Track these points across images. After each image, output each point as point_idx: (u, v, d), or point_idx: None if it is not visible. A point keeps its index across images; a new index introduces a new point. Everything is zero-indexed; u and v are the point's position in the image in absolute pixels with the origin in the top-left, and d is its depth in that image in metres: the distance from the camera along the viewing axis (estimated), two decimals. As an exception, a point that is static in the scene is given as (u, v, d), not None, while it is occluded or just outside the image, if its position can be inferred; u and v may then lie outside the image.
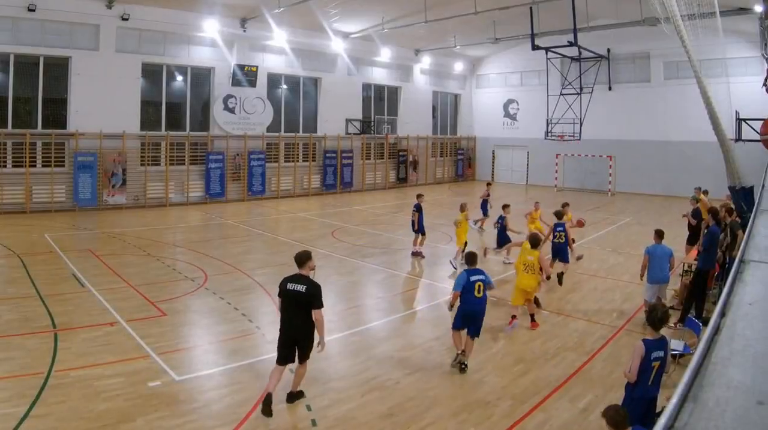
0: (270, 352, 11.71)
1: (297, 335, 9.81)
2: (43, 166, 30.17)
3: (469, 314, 11.67)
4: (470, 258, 12.34)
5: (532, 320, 14.55)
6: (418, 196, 22.89)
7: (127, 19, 31.65)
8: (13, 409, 9.21)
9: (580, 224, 20.63)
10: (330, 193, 42.56)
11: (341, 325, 14.09)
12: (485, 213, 27.65)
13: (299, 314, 9.70)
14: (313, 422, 9.37)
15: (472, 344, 11.80)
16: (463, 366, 11.62)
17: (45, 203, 29.92)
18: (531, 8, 34.73)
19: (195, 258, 20.64)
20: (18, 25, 28.91)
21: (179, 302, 15.70)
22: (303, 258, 10.00)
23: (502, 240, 21.19)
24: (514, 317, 14.37)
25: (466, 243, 20.75)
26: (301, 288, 9.65)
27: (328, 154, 42.48)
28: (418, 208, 22.17)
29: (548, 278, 16.42)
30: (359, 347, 12.77)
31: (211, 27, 35.11)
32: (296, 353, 9.93)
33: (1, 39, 28.64)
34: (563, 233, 18.47)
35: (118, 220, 28.53)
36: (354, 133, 44.74)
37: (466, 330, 11.75)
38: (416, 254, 21.72)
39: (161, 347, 12.18)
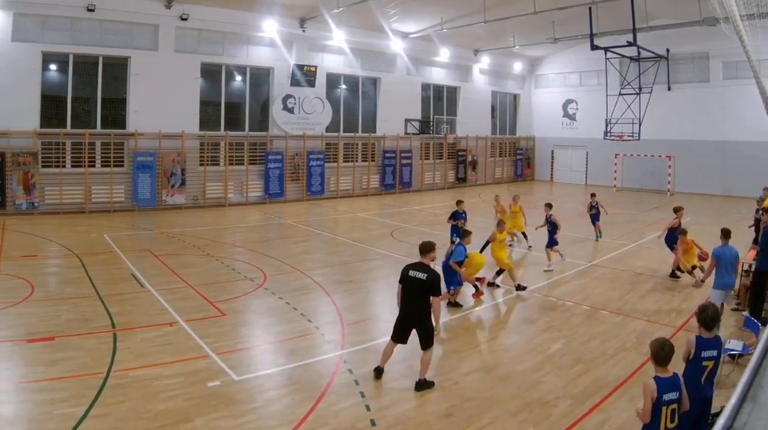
0: (329, 352, 12.24)
1: (415, 319, 10.42)
2: (102, 166, 30.36)
3: None
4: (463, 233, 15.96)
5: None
6: (458, 202, 22.44)
7: (186, 19, 31.77)
8: (72, 409, 9.17)
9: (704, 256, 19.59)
10: (389, 193, 42.38)
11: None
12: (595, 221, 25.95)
13: (418, 299, 10.32)
14: (372, 422, 9.26)
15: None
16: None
17: (104, 203, 30.10)
18: (590, 8, 34.36)
19: (254, 258, 20.44)
20: (77, 25, 29.16)
21: (238, 302, 15.58)
22: (427, 248, 10.66)
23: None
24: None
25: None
26: (423, 276, 10.25)
27: (387, 154, 42.28)
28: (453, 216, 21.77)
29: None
30: (417, 347, 12.30)
31: (270, 27, 35.10)
32: (413, 337, 10.62)
33: (61, 39, 28.92)
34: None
35: (177, 220, 28.55)
36: (413, 133, 44.52)
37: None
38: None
39: (220, 347, 12.13)
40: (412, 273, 10.36)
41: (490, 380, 11.03)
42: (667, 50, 43.38)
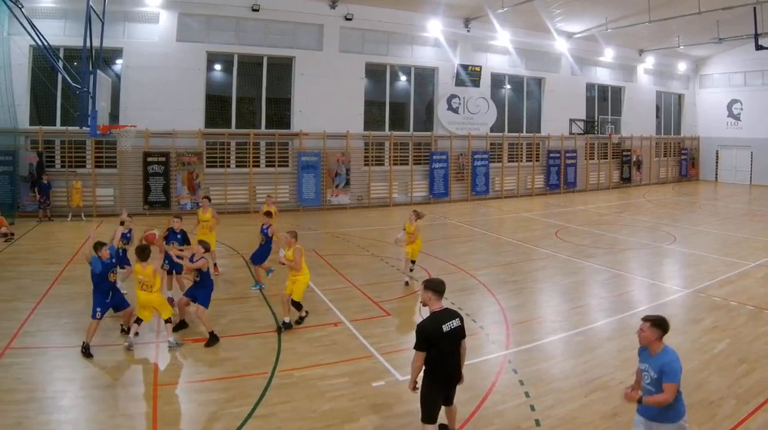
0: (494, 351, 12.20)
1: (455, 375, 8.15)
2: (266, 166, 31.00)
3: None
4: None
5: None
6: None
7: (350, 19, 32.02)
8: (237, 409, 9.41)
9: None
10: (553, 193, 41.88)
11: (565, 325, 13.99)
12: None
13: (455, 351, 8.10)
14: (537, 422, 9.22)
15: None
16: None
17: (269, 203, 30.41)
18: (754, 8, 32.69)
19: (418, 259, 20.00)
20: (242, 25, 29.98)
21: (403, 302, 15.47)
22: (444, 287, 8.18)
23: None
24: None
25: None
26: (458, 322, 8.02)
27: (551, 154, 41.68)
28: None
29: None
30: (582, 347, 12.55)
31: (434, 27, 35.10)
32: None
33: (226, 39, 29.86)
34: None
35: (341, 220, 28.76)
36: (578, 133, 43.67)
37: None
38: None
39: (385, 347, 12.23)
40: (446, 327, 7.89)
41: (656, 379, 10.64)
42: (832, 50, 41.21)
